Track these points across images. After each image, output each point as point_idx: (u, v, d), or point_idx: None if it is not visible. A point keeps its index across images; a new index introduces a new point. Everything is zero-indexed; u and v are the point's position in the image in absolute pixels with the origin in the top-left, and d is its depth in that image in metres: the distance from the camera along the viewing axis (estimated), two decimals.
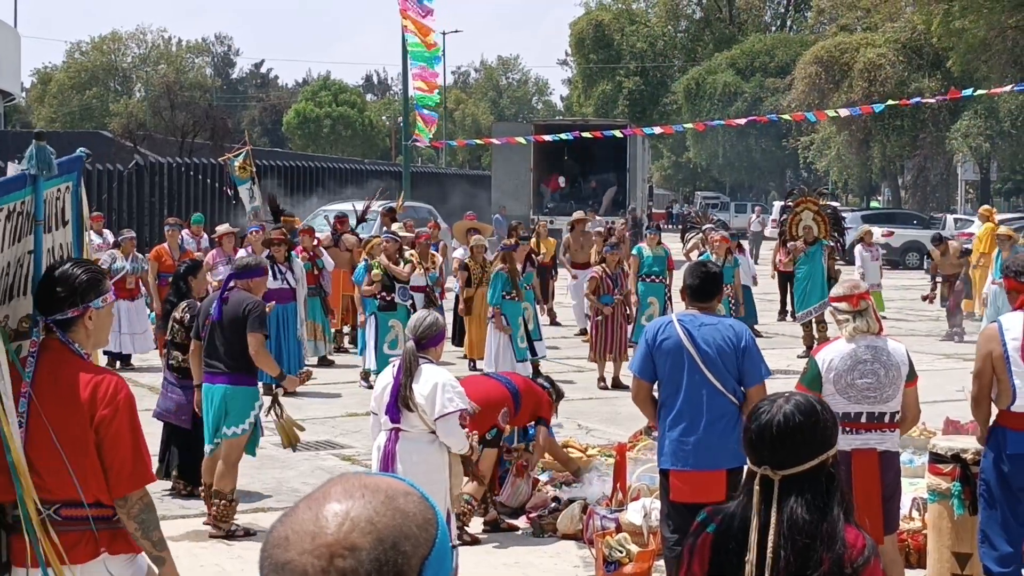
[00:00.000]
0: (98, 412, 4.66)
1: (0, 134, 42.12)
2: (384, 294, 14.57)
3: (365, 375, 15.29)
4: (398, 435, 7.10)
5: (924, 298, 21.86)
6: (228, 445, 9.05)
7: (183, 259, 15.98)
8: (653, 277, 16.75)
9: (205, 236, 20.13)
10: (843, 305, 6.95)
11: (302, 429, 9.68)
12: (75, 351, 4.77)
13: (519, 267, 15.80)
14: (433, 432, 7.07)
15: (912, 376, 6.87)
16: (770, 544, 3.34)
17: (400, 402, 7.05)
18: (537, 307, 16.54)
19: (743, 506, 3.47)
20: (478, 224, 19.76)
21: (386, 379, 7.25)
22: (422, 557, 1.63)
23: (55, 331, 4.76)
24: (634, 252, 17.15)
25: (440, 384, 7.01)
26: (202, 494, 9.40)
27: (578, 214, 22.35)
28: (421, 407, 7.01)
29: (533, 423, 9.74)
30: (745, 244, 24.52)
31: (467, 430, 7.30)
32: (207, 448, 9.18)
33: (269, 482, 10.54)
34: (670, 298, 16.69)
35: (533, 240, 20.57)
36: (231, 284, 9.27)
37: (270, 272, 14.99)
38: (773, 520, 3.37)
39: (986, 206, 27.24)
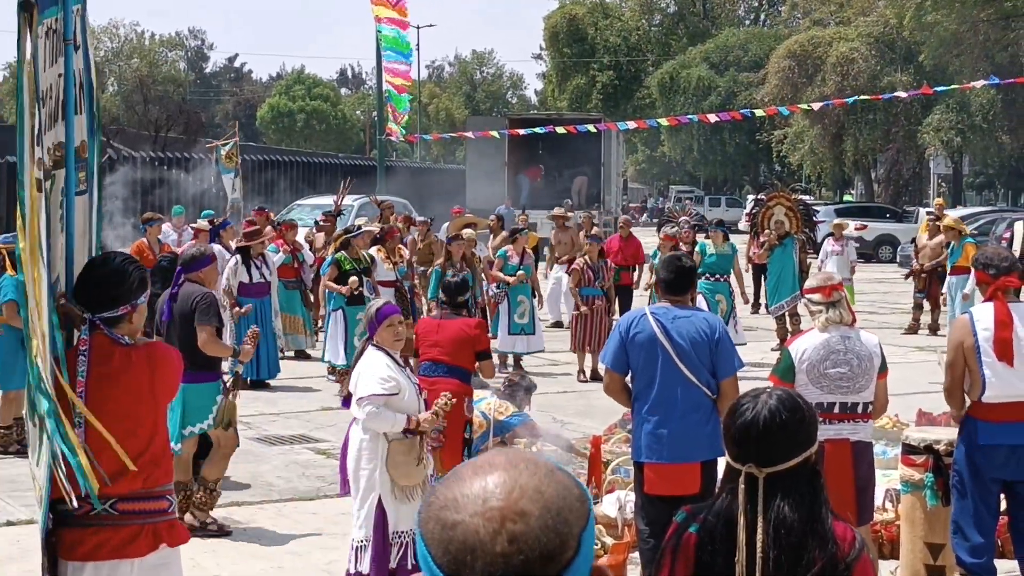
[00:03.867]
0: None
1: None
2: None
3: (333, 369, 15.33)
4: (355, 421, 7.20)
5: (907, 275, 21.77)
6: (218, 434, 8.95)
7: (163, 252, 15.92)
8: None
9: (188, 229, 19.97)
10: (816, 296, 7.00)
11: (230, 423, 9.17)
12: (124, 343, 4.80)
13: (518, 259, 15.99)
14: None
15: (884, 368, 6.91)
16: (759, 544, 3.31)
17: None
18: (534, 300, 16.57)
19: (727, 505, 3.43)
20: (474, 219, 19.73)
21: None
22: (581, 528, 1.70)
23: (100, 328, 4.77)
24: (652, 256, 17.02)
25: (363, 369, 7.05)
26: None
27: (557, 210, 22.09)
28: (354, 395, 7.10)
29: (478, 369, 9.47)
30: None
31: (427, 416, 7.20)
32: (175, 447, 8.70)
33: (243, 476, 10.51)
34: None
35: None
36: (181, 280, 9.00)
37: (245, 268, 15.01)
38: (760, 519, 3.34)
39: (939, 199, 27.44)
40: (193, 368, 8.59)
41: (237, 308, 14.71)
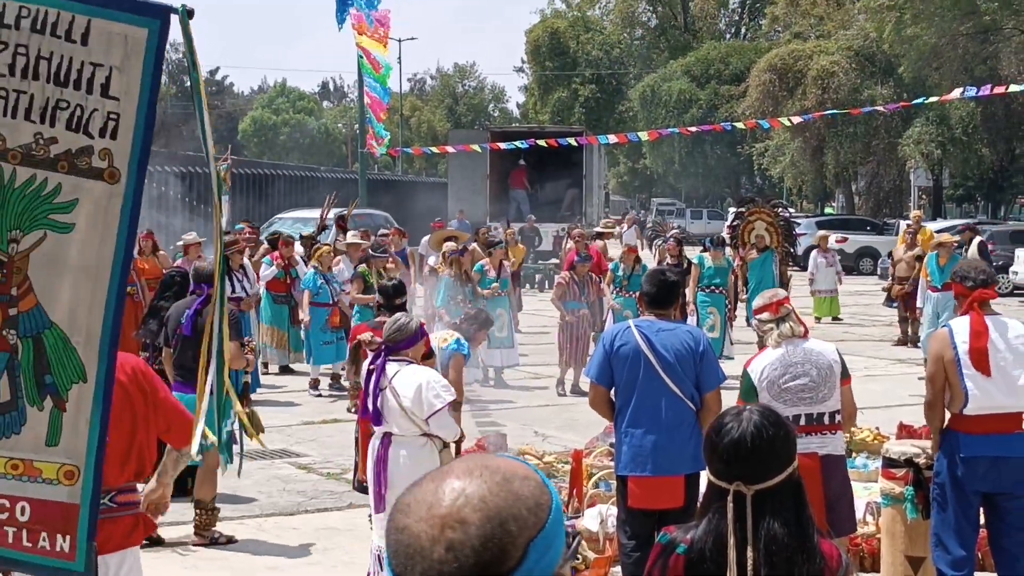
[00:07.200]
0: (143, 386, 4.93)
1: None
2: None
3: (315, 383, 15.45)
4: (390, 439, 7.08)
5: (885, 289, 21.78)
6: (206, 454, 8.85)
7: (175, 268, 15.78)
8: (629, 292, 16.67)
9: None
10: (765, 315, 7.04)
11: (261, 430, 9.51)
12: None
13: (495, 272, 16.01)
14: (424, 435, 7.03)
15: (846, 374, 6.94)
16: (750, 562, 3.31)
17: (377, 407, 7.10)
18: (512, 314, 16.55)
19: (715, 524, 3.42)
20: (456, 232, 19.71)
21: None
22: (528, 538, 1.70)
23: None
24: (612, 268, 17.01)
25: (424, 383, 6.99)
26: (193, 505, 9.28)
27: (605, 222, 22.05)
28: (410, 410, 6.96)
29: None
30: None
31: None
32: (197, 458, 8.91)
33: (224, 491, 10.45)
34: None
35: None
36: (205, 295, 9.28)
37: (228, 281, 14.96)
38: (750, 537, 3.34)
39: (916, 212, 27.42)
40: None
41: None
